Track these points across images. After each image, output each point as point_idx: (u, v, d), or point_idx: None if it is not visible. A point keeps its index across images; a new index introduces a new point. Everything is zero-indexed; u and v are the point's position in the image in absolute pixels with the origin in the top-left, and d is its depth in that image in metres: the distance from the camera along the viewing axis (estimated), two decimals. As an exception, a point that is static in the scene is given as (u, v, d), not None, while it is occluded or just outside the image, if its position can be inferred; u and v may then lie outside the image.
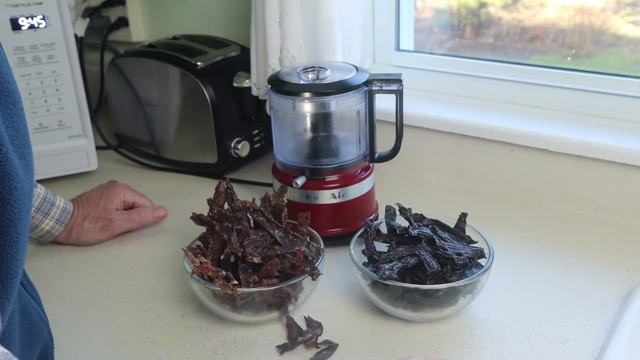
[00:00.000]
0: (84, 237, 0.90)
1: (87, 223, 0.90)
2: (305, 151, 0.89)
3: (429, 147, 1.06)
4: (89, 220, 0.90)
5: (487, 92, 1.07)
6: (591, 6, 0.99)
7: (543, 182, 0.97)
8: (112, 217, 0.91)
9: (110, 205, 0.92)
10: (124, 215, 0.92)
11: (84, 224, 0.90)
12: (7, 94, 0.47)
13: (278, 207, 0.77)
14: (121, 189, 0.94)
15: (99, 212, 0.91)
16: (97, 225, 0.91)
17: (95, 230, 0.91)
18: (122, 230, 0.93)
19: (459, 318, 0.73)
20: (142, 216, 0.93)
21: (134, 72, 1.14)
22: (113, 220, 0.91)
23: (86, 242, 0.91)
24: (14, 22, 1.00)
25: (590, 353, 0.66)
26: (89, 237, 0.91)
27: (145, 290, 0.81)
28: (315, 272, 0.71)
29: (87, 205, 0.91)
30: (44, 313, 0.62)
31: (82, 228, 0.90)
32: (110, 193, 0.93)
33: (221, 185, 0.78)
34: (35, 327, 0.58)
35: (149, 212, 0.94)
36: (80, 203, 0.92)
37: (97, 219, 0.91)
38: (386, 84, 0.84)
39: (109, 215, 0.91)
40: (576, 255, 0.84)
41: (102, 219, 0.91)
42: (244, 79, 1.07)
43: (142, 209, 0.94)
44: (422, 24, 1.17)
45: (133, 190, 0.96)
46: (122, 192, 0.94)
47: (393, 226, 0.76)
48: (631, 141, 0.89)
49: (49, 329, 0.62)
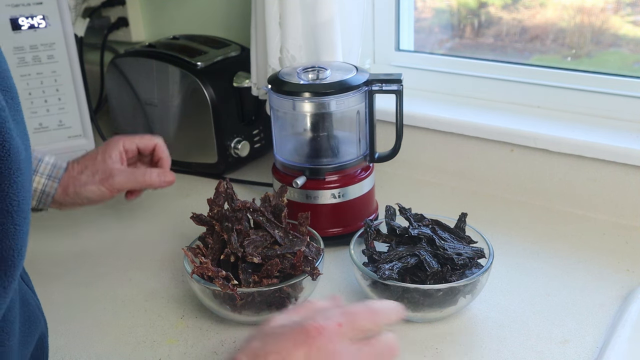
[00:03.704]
0: (82, 191, 0.82)
1: (84, 176, 0.82)
2: (305, 151, 0.89)
3: (429, 147, 1.06)
4: (86, 173, 0.82)
5: (487, 92, 1.07)
6: (591, 6, 0.99)
7: (543, 182, 0.97)
8: (112, 169, 0.82)
9: (108, 158, 0.83)
10: (125, 170, 0.83)
11: (81, 177, 0.82)
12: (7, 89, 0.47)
13: (278, 207, 0.77)
14: (118, 138, 0.85)
15: (97, 165, 0.82)
16: (96, 177, 0.82)
17: (94, 182, 0.82)
18: (123, 187, 0.84)
19: (459, 318, 0.73)
20: (147, 177, 0.84)
21: (134, 72, 1.14)
22: (113, 173, 0.82)
23: (87, 197, 0.83)
24: (14, 22, 1.00)
25: (590, 353, 0.66)
26: (88, 191, 0.82)
27: (145, 290, 0.81)
28: (315, 272, 0.71)
29: (83, 160, 0.84)
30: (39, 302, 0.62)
31: (79, 181, 0.82)
32: (107, 145, 0.85)
33: (221, 185, 0.78)
34: (33, 316, 0.59)
35: (154, 173, 0.85)
36: (75, 160, 0.84)
37: (95, 172, 0.82)
38: (386, 84, 0.84)
39: (107, 167, 0.82)
40: (576, 255, 0.84)
41: (101, 171, 0.82)
42: (244, 79, 1.07)
43: (148, 169, 0.85)
44: (422, 24, 1.17)
45: (133, 136, 0.86)
46: (119, 141, 0.84)
47: (393, 226, 0.76)
48: (631, 141, 0.89)
49: (45, 318, 0.63)
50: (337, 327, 0.48)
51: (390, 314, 0.52)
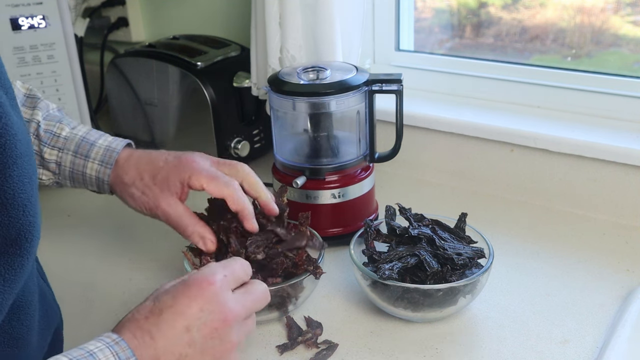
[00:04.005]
0: (125, 199, 0.74)
1: (134, 189, 0.72)
2: (305, 151, 0.89)
3: (429, 147, 1.06)
4: (137, 186, 0.72)
5: (487, 92, 1.07)
6: (591, 6, 0.99)
7: (543, 182, 0.97)
8: (161, 202, 0.71)
9: (165, 185, 0.71)
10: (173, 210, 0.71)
11: (130, 188, 0.72)
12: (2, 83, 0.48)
13: (280, 207, 0.77)
14: (187, 170, 0.70)
15: (151, 187, 0.71)
16: (142, 199, 0.72)
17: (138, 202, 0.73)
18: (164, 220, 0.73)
19: (459, 318, 0.73)
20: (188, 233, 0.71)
21: (134, 72, 1.15)
22: (160, 205, 0.71)
23: (127, 205, 0.75)
24: (14, 22, 1.00)
25: (590, 353, 0.66)
26: (129, 203, 0.74)
27: (145, 290, 0.81)
28: (318, 271, 0.71)
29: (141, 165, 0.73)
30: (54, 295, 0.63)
31: (127, 191, 0.73)
32: (176, 166, 0.71)
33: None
34: (50, 309, 0.59)
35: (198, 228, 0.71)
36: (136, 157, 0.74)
37: (145, 192, 0.72)
38: (386, 84, 0.84)
39: (159, 195, 0.71)
40: (576, 255, 0.84)
41: (151, 196, 0.71)
42: (244, 79, 1.07)
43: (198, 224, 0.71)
44: (422, 24, 1.17)
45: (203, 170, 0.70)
46: (187, 172, 0.70)
47: (393, 226, 0.76)
48: (631, 141, 0.89)
49: (60, 310, 0.64)
50: (223, 278, 0.53)
51: (249, 269, 0.58)
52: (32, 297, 0.53)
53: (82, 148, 0.74)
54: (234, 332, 0.52)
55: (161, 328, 0.49)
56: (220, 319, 0.51)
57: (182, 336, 0.49)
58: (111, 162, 0.73)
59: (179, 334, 0.49)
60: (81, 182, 0.76)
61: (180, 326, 0.49)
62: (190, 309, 0.50)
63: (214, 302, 0.51)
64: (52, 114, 0.77)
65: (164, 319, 0.49)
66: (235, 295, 0.54)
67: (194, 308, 0.50)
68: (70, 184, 0.77)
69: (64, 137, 0.75)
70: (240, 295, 0.54)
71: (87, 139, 0.74)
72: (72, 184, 0.77)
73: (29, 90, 0.77)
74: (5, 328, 0.49)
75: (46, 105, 0.77)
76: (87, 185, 0.76)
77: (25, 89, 0.77)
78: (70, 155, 0.75)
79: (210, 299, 0.51)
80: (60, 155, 0.75)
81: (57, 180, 0.77)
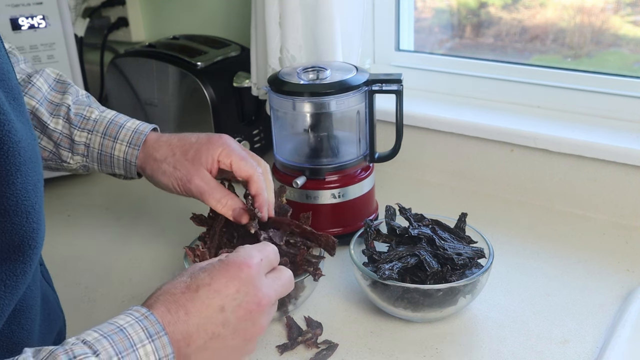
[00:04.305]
0: (157, 178, 0.74)
1: (165, 164, 0.73)
2: (305, 151, 0.89)
3: (429, 147, 1.06)
4: (169, 162, 0.73)
5: (487, 92, 1.07)
6: (591, 6, 0.99)
7: (543, 182, 0.97)
8: (194, 174, 0.72)
9: (197, 159, 0.72)
10: (206, 182, 0.72)
11: (162, 165, 0.73)
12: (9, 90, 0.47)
13: (283, 208, 0.77)
14: (221, 142, 0.73)
15: (183, 162, 0.72)
16: (175, 174, 0.73)
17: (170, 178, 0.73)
18: (196, 197, 0.74)
19: (459, 318, 0.73)
20: (219, 205, 0.72)
21: (134, 72, 1.15)
22: (192, 179, 0.72)
23: (159, 184, 0.75)
24: (14, 22, 1.01)
25: (590, 353, 0.66)
26: (162, 182, 0.74)
27: (145, 290, 0.81)
28: (317, 273, 0.71)
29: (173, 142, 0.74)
30: (58, 299, 0.63)
31: (159, 168, 0.74)
32: (207, 142, 0.73)
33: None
34: (53, 314, 0.59)
35: (233, 204, 0.72)
36: (166, 137, 0.75)
37: (177, 166, 0.73)
38: (386, 84, 0.84)
39: (192, 169, 0.72)
40: (576, 255, 0.84)
41: (183, 170, 0.72)
42: (244, 79, 1.07)
43: (230, 195, 0.72)
44: (422, 24, 1.17)
45: (239, 151, 0.73)
46: (218, 148, 0.72)
47: (393, 226, 0.76)
48: (631, 141, 0.89)
49: (64, 314, 0.63)
50: (260, 262, 0.54)
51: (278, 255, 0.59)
52: (34, 301, 0.53)
53: (111, 130, 0.75)
54: (264, 316, 0.53)
55: (196, 304, 0.49)
56: (255, 302, 0.51)
57: (217, 315, 0.49)
58: (139, 144, 0.74)
59: (213, 312, 0.49)
60: (109, 164, 0.76)
61: (216, 305, 0.49)
62: (227, 289, 0.50)
63: (250, 285, 0.51)
64: (81, 99, 0.78)
65: (200, 296, 0.49)
66: (268, 280, 0.54)
67: (231, 289, 0.50)
68: (98, 167, 0.77)
69: (94, 119, 0.75)
70: (271, 280, 0.55)
71: (116, 121, 0.75)
72: (100, 167, 0.77)
73: (58, 76, 0.78)
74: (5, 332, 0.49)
75: (76, 91, 0.78)
76: (114, 168, 0.76)
77: (55, 74, 0.78)
78: (99, 137, 0.75)
79: (247, 282, 0.51)
80: (89, 137, 0.75)
81: (85, 164, 0.77)
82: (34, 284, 0.53)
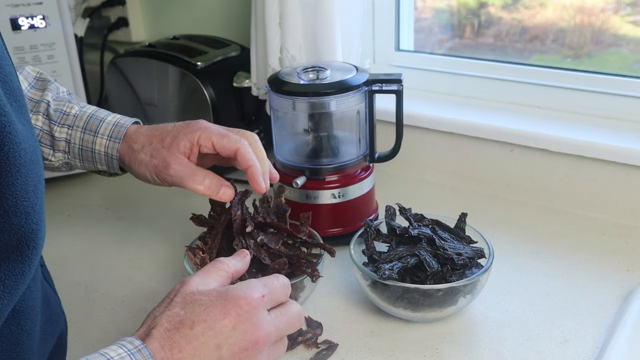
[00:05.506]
0: (135, 168, 0.73)
1: (143, 154, 0.71)
2: (305, 151, 0.89)
3: (428, 147, 1.06)
4: (146, 152, 0.71)
5: (487, 92, 1.07)
6: (591, 6, 0.99)
7: (543, 182, 0.97)
8: (170, 160, 0.69)
9: (174, 145, 0.69)
10: (184, 167, 0.69)
11: (139, 155, 0.71)
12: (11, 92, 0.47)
13: (281, 207, 0.77)
14: (198, 127, 0.70)
15: (160, 149, 0.70)
16: (152, 162, 0.70)
17: (147, 167, 0.71)
18: (174, 184, 0.71)
19: (459, 318, 0.73)
20: (206, 184, 0.69)
21: (134, 72, 1.15)
22: (169, 164, 0.69)
23: (138, 176, 0.74)
24: (14, 22, 1.01)
25: (590, 353, 0.66)
26: (140, 172, 0.73)
27: (145, 290, 0.81)
28: (315, 274, 0.71)
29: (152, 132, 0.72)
30: (60, 301, 0.63)
31: (136, 158, 0.72)
32: (185, 128, 0.71)
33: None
34: (54, 315, 0.59)
35: (215, 182, 0.69)
36: (145, 128, 0.74)
37: (154, 155, 0.70)
38: (386, 84, 0.84)
39: (168, 155, 0.69)
40: (576, 255, 0.84)
41: (160, 158, 0.70)
42: (244, 79, 1.07)
43: (210, 175, 0.70)
44: (422, 24, 1.17)
45: (219, 129, 0.71)
46: (196, 132, 0.70)
47: (393, 226, 0.76)
48: (631, 141, 0.89)
49: (65, 316, 0.63)
50: (261, 298, 0.52)
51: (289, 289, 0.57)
52: (34, 302, 0.53)
53: (91, 124, 0.74)
54: (263, 354, 0.51)
55: (191, 342, 0.48)
56: (251, 340, 0.50)
57: (212, 353, 0.48)
58: (119, 137, 0.73)
59: (209, 350, 0.48)
60: (90, 159, 0.75)
61: (212, 343, 0.48)
62: (223, 326, 0.49)
63: (247, 322, 0.50)
64: (62, 95, 0.77)
65: (194, 333, 0.48)
66: (270, 316, 0.53)
67: (228, 325, 0.49)
68: (80, 164, 0.76)
69: (74, 114, 0.75)
70: (274, 316, 0.53)
71: (96, 116, 0.74)
72: (82, 163, 0.76)
73: (39, 74, 0.78)
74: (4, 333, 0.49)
75: (56, 87, 0.77)
76: (96, 163, 0.75)
77: (35, 72, 0.78)
78: (79, 132, 0.74)
79: (245, 318, 0.50)
80: (69, 132, 0.74)
81: (67, 161, 0.76)
82: (34, 285, 0.53)
